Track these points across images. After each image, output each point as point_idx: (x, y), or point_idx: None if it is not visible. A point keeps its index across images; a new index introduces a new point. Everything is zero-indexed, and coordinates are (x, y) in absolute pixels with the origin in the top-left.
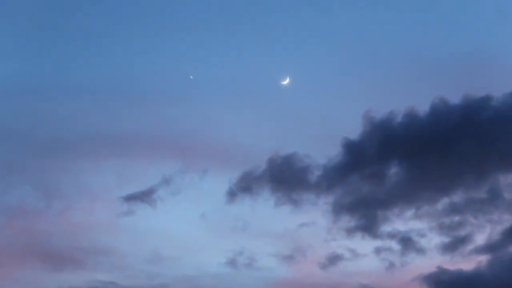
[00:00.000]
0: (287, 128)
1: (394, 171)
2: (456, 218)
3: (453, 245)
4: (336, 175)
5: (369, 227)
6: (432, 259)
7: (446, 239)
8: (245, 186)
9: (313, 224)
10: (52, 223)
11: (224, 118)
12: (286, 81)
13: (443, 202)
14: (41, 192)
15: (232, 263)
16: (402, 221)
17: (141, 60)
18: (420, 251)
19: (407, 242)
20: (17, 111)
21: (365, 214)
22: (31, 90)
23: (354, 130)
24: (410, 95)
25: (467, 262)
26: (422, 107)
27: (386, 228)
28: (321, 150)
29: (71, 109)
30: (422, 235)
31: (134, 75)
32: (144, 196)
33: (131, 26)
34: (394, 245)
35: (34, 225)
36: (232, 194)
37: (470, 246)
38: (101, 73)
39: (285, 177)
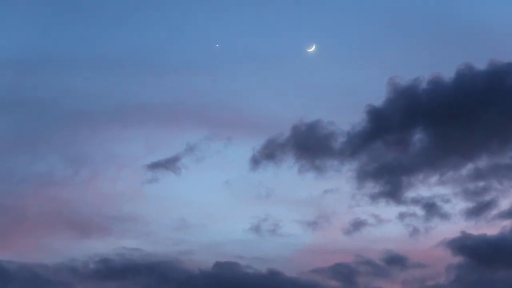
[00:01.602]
0: (311, 95)
1: (418, 137)
2: (481, 183)
3: (477, 210)
4: (360, 142)
5: (393, 193)
6: (456, 225)
7: (470, 205)
8: (269, 153)
9: (337, 190)
10: (79, 191)
11: (249, 87)
12: (312, 49)
13: (468, 167)
14: (68, 161)
15: (256, 229)
16: (426, 187)
17: (167, 31)
18: (444, 216)
19: (431, 207)
20: (44, 81)
21: (389, 180)
22: (59, 61)
23: (378, 97)
24: (435, 62)
25: (491, 227)
26: (448, 74)
27: (410, 194)
28: (345, 117)
29: (99, 79)
30: (446, 201)
31: (160, 46)
32: (169, 164)
33: None
34: (418, 210)
35: (61, 193)
36: (256, 162)
37: (494, 211)
38: (127, 44)
39: (309, 144)
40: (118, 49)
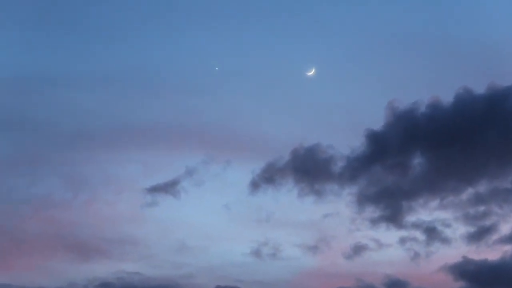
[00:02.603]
0: (310, 119)
1: (418, 161)
2: (481, 208)
3: (478, 235)
4: (360, 166)
5: (393, 218)
6: (457, 249)
7: (471, 229)
8: (268, 177)
9: (337, 214)
10: (78, 214)
11: (248, 109)
12: (311, 72)
13: (468, 192)
14: (67, 183)
15: (256, 253)
16: (427, 211)
17: (167, 52)
18: (445, 241)
19: (432, 232)
20: (44, 101)
21: (390, 204)
22: (58, 81)
23: (377, 120)
24: (434, 85)
25: (492, 252)
26: (446, 97)
27: (410, 218)
28: (345, 141)
29: (97, 100)
30: (447, 225)
31: (159, 67)
32: (168, 187)
33: (157, 17)
34: (419, 235)
35: (60, 215)
36: (255, 185)
37: (495, 236)
38: (127, 65)
39: (308, 168)
40: (118, 69)
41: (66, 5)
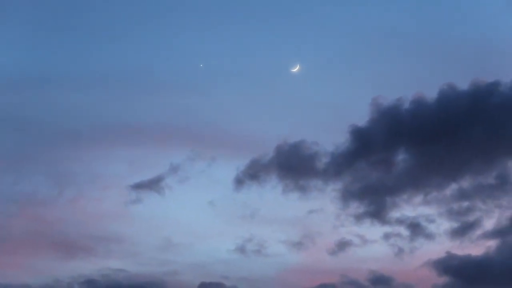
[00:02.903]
0: (295, 115)
1: (402, 157)
2: (465, 203)
3: (462, 231)
4: (344, 162)
5: (377, 213)
6: (441, 245)
7: (454, 225)
8: (253, 173)
9: (321, 210)
10: (64, 211)
11: (233, 106)
12: (296, 69)
13: (452, 188)
14: (53, 180)
15: (241, 249)
16: (411, 207)
17: (152, 51)
18: (429, 236)
19: (415, 227)
20: (29, 100)
21: (374, 200)
22: (43, 80)
23: (362, 117)
24: (418, 82)
25: (476, 247)
26: (430, 94)
27: (394, 214)
28: (329, 137)
29: (83, 99)
30: (431, 221)
31: (144, 66)
32: (153, 184)
33: (145, 17)
34: (403, 231)
35: (45, 213)
36: (240, 182)
37: (479, 232)
38: (113, 63)
39: (293, 164)
40: (103, 68)
41: (58, 5)
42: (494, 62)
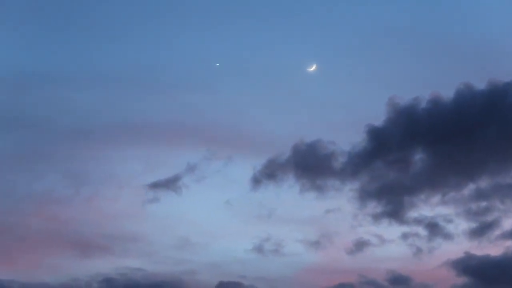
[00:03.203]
0: (311, 115)
1: (419, 157)
2: (483, 203)
3: (480, 231)
4: (361, 162)
5: (395, 213)
6: (459, 245)
7: (473, 225)
8: (270, 173)
9: (339, 210)
10: (80, 211)
11: (250, 106)
12: (312, 68)
13: (470, 187)
14: (69, 180)
15: (258, 249)
16: (429, 206)
17: (168, 49)
18: (447, 236)
19: (434, 227)
20: (44, 99)
21: (391, 200)
22: (59, 78)
23: (378, 116)
24: (434, 81)
25: (494, 247)
26: (447, 93)
27: (412, 214)
28: (346, 137)
29: (99, 97)
30: (449, 221)
31: (160, 64)
32: (169, 184)
33: (156, 14)
34: (421, 230)
35: (62, 212)
36: (256, 181)
37: (497, 231)
38: (128, 62)
39: (309, 164)
40: (118, 66)
41: (65, 3)
42: (510, 62)
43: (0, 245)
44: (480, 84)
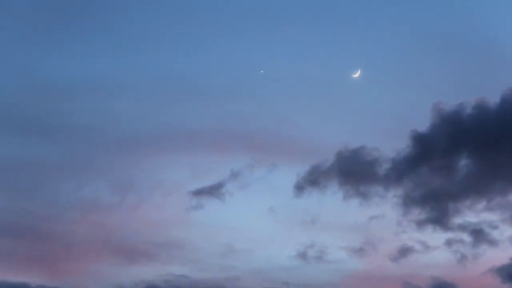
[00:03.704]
0: (355, 121)
1: (464, 163)
2: None
3: None
4: (405, 168)
5: (439, 220)
6: (504, 251)
7: None
8: (313, 179)
9: (382, 217)
10: (125, 218)
11: (293, 112)
12: (356, 75)
13: None
14: (115, 187)
15: (302, 256)
16: (473, 213)
17: (212, 57)
18: (493, 243)
19: (478, 234)
20: (91, 108)
21: (435, 206)
22: (104, 86)
23: (423, 122)
24: (480, 87)
25: None
26: (493, 98)
27: (457, 220)
28: (390, 143)
29: (144, 105)
30: (494, 227)
31: (204, 72)
32: (213, 191)
33: (201, 22)
34: (466, 237)
35: (107, 219)
36: (300, 188)
37: None
38: (172, 70)
39: (353, 171)
40: (163, 74)
41: (111, 13)
42: None
43: (47, 252)
44: None
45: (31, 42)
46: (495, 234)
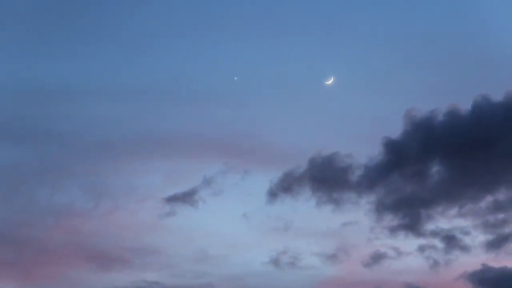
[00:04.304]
0: (328, 127)
1: (436, 169)
2: (500, 215)
3: (498, 243)
4: (378, 175)
5: (412, 226)
6: (476, 257)
7: (490, 237)
8: (286, 186)
9: (355, 223)
10: (99, 223)
11: (266, 119)
12: (330, 81)
13: (487, 200)
14: (89, 193)
15: (276, 262)
16: (446, 219)
17: (186, 62)
18: (464, 249)
19: (451, 240)
20: (65, 113)
21: (408, 212)
22: (79, 91)
23: (395, 129)
24: (452, 93)
25: None
26: (464, 105)
27: (429, 226)
28: (363, 150)
29: (118, 111)
30: (466, 233)
31: (179, 77)
32: (186, 197)
33: (178, 28)
34: (438, 243)
35: (82, 225)
36: (273, 194)
37: None
38: (147, 75)
39: (326, 177)
40: (137, 79)
41: (89, 16)
42: None
43: (19, 258)
44: (497, 96)
45: (6, 48)
46: (467, 240)
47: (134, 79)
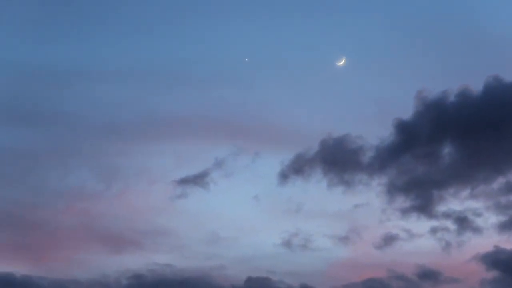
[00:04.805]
0: (340, 109)
1: (448, 150)
2: None
3: (510, 224)
4: (389, 156)
5: (424, 207)
6: (488, 239)
7: (502, 218)
8: (298, 168)
9: (367, 205)
10: (111, 206)
11: (278, 100)
12: (341, 63)
13: (499, 181)
14: (100, 175)
15: (287, 244)
16: (458, 200)
17: (197, 43)
18: (477, 230)
19: (463, 221)
20: (75, 95)
21: (420, 194)
22: (88, 74)
23: (406, 110)
24: (463, 74)
25: None
26: (476, 86)
27: (441, 208)
28: (374, 131)
29: (128, 92)
30: (478, 215)
31: (189, 58)
32: (198, 179)
33: (185, 9)
34: (450, 224)
35: (93, 207)
36: (284, 176)
37: None
38: (157, 56)
39: (337, 159)
40: (148, 61)
41: (95, 1)
42: None
43: (31, 241)
44: (509, 76)
45: (16, 30)
46: (479, 221)
47: (144, 61)
